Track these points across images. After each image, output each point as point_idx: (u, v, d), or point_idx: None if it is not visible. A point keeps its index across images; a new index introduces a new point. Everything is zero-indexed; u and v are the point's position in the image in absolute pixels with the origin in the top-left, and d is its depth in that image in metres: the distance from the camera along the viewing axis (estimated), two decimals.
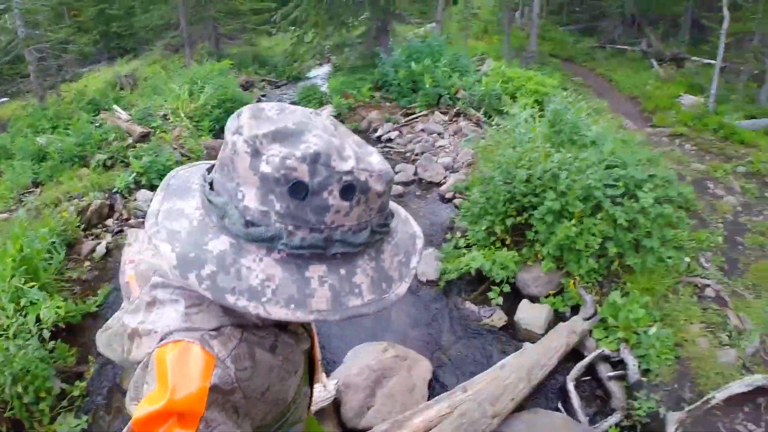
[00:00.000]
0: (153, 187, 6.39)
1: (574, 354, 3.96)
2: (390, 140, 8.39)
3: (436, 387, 3.72)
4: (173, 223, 0.73)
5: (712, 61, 9.51)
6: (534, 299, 4.45)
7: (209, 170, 0.80)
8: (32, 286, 4.11)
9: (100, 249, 5.49)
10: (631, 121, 8.44)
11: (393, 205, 0.87)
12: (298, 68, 13.23)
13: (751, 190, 6.52)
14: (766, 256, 5.06)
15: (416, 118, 8.76)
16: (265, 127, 0.69)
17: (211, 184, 0.76)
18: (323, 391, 3.39)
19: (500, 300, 4.44)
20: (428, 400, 3.41)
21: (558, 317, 4.25)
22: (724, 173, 6.82)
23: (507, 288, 4.46)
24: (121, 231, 5.94)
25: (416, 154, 7.67)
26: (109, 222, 6.10)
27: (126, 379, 0.87)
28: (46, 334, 3.81)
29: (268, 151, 0.67)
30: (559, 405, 3.65)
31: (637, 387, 3.61)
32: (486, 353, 4.07)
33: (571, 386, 3.67)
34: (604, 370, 3.83)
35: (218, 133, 8.51)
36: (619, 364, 3.88)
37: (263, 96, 11.37)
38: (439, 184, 6.70)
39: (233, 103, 9.30)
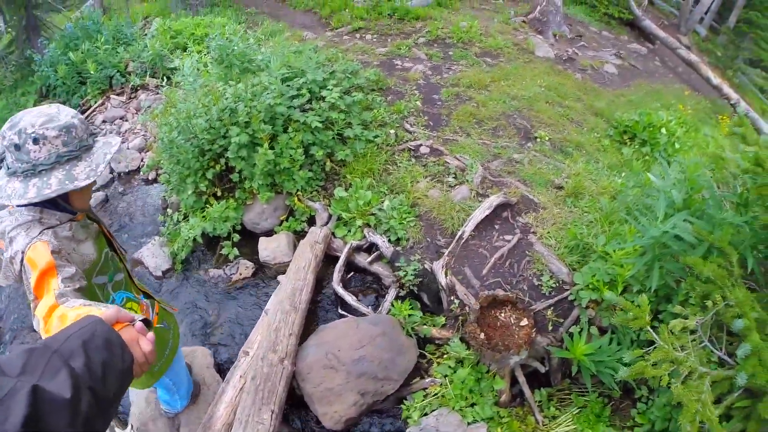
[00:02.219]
0: None
1: (333, 260, 4.05)
2: None
3: (223, 366, 3.51)
4: None
5: None
6: (271, 233, 4.39)
7: None
8: None
9: None
10: (311, 32, 8.64)
11: (108, 137, 1.82)
12: None
13: (435, 54, 7.35)
14: (463, 102, 5.77)
15: (93, 111, 7.67)
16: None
17: None
18: None
19: (236, 251, 4.29)
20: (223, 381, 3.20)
21: (300, 237, 4.25)
22: (407, 48, 7.52)
23: (237, 237, 4.32)
24: None
25: None
26: None
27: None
28: None
29: (4, 140, 1.60)
30: (341, 311, 3.74)
31: (396, 258, 3.84)
32: (251, 307, 3.94)
33: (339, 289, 3.78)
34: (363, 260, 4.02)
35: None
36: (372, 247, 4.08)
37: None
38: (138, 170, 6.06)
39: None
